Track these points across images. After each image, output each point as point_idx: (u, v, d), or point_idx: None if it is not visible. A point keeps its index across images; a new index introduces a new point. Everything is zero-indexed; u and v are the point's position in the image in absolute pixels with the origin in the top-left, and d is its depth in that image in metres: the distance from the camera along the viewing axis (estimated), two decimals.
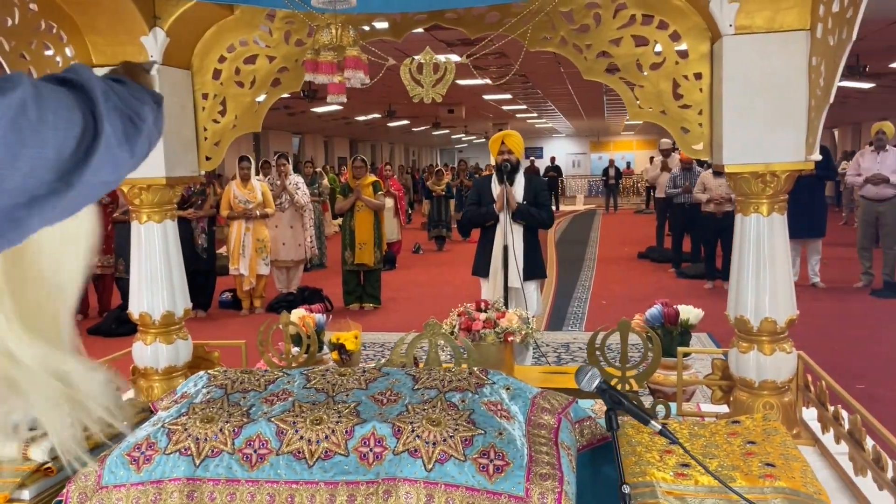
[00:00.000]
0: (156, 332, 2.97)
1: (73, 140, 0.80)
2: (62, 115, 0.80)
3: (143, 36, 2.74)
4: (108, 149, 0.85)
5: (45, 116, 0.77)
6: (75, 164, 0.81)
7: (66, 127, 0.80)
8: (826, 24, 2.21)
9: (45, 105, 0.78)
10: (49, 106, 0.78)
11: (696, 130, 2.67)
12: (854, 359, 6.10)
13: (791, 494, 1.69)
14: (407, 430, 1.72)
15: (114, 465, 1.78)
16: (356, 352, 3.22)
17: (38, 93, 0.78)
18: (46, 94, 0.79)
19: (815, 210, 8.85)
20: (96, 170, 0.84)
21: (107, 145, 0.85)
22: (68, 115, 0.80)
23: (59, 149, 0.79)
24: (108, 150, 0.85)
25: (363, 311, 8.81)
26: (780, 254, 2.53)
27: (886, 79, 14.32)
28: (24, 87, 0.76)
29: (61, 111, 0.80)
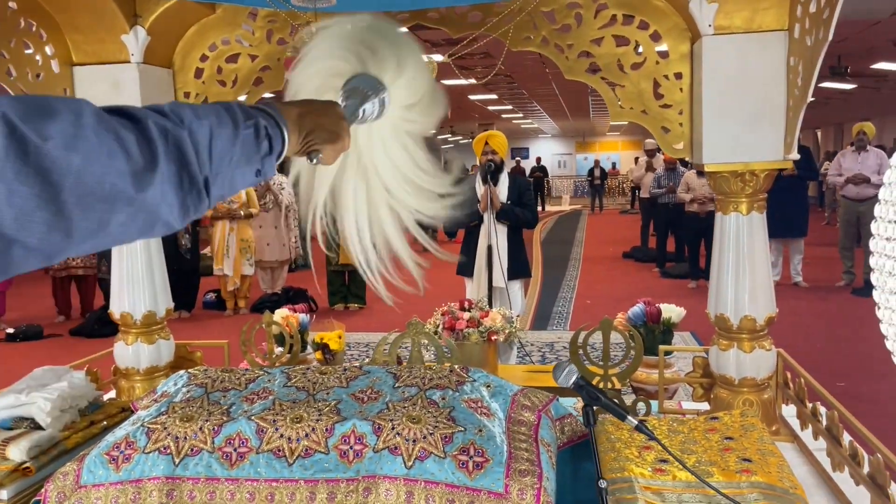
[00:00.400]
0: (137, 332, 2.96)
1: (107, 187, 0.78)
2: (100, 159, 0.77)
3: (123, 34, 2.73)
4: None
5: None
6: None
7: (101, 172, 0.77)
8: (803, 25, 2.24)
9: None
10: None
11: (676, 130, 2.69)
12: (835, 357, 6.16)
13: (767, 489, 1.71)
14: (387, 427, 1.73)
15: (92, 464, 1.77)
16: (340, 352, 3.22)
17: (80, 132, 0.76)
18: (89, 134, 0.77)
19: (798, 210, 8.93)
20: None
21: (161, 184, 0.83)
22: (107, 161, 0.77)
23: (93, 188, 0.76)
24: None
25: (348, 311, 8.80)
26: (760, 252, 2.56)
27: (868, 80, 14.46)
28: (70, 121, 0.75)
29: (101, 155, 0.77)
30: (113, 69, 2.78)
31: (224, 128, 0.94)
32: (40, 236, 0.71)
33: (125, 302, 2.93)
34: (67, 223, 0.73)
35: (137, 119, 0.83)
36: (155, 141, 0.82)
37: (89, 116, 0.77)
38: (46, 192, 0.70)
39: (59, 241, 0.73)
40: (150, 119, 0.84)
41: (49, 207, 0.71)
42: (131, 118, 0.83)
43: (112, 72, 2.78)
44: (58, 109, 0.74)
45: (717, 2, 2.41)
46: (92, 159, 0.74)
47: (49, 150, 0.71)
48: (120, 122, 0.80)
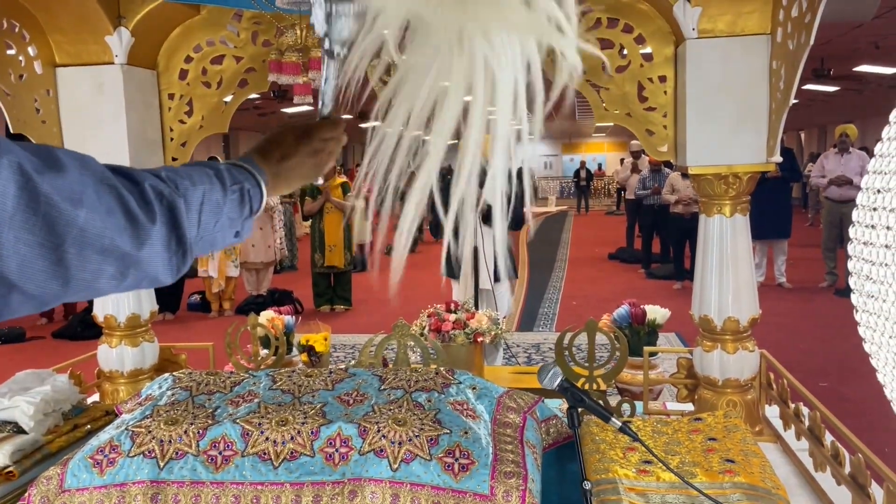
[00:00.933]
0: (121, 335, 2.94)
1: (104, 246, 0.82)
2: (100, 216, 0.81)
3: (107, 35, 2.71)
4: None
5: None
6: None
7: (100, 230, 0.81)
8: (785, 29, 2.26)
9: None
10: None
11: (660, 132, 2.70)
12: (819, 357, 6.22)
13: (749, 489, 1.72)
14: (373, 430, 1.73)
15: (76, 468, 1.76)
16: (326, 353, 3.21)
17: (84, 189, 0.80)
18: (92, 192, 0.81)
19: (782, 211, 9.00)
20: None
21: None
22: (106, 218, 0.82)
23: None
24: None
25: (334, 312, 8.79)
26: (743, 254, 2.57)
27: (850, 82, 14.60)
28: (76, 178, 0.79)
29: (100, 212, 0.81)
30: (96, 70, 2.76)
31: (214, 193, 1.00)
32: (39, 284, 0.75)
33: (109, 304, 2.91)
34: (66, 273, 0.77)
35: (137, 181, 0.88)
36: (152, 203, 0.87)
37: (94, 174, 0.81)
38: (50, 241, 0.74)
39: (55, 289, 0.77)
40: (147, 182, 0.89)
41: (51, 257, 0.75)
42: (131, 179, 0.88)
43: (95, 73, 2.76)
44: (66, 164, 0.78)
45: (700, 5, 2.42)
46: (94, 215, 0.78)
47: (57, 203, 0.74)
48: (121, 182, 0.85)
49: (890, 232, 0.79)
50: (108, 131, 2.73)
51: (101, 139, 2.73)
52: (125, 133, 2.74)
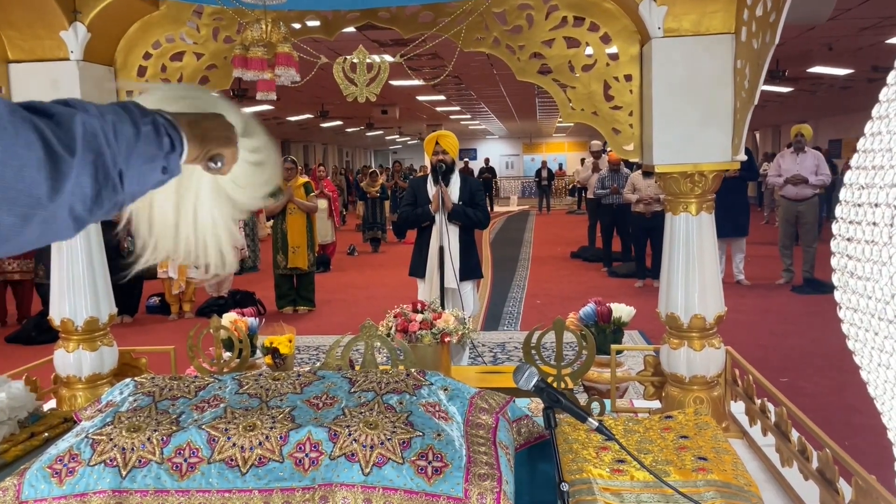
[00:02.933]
0: (79, 339, 2.86)
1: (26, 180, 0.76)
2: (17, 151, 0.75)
3: (62, 31, 2.63)
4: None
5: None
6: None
7: (18, 164, 0.75)
8: (750, 28, 2.28)
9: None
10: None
11: (626, 131, 2.71)
12: (777, 353, 6.32)
13: (723, 487, 1.73)
14: (344, 434, 1.69)
15: (34, 478, 1.70)
16: (290, 356, 3.16)
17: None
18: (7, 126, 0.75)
19: (739, 210, 9.13)
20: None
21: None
22: (24, 152, 0.76)
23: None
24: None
25: (297, 314, 8.69)
26: (709, 252, 2.59)
27: (804, 83, 14.90)
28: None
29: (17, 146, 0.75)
30: (51, 67, 2.68)
31: (124, 123, 0.93)
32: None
33: (66, 307, 2.83)
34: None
35: (51, 112, 0.82)
36: (73, 132, 0.81)
37: (6, 109, 0.75)
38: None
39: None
40: (61, 112, 0.83)
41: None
42: (44, 112, 0.81)
43: (50, 69, 2.68)
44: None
45: (666, 4, 2.44)
46: (11, 152, 0.73)
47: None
48: (34, 114, 0.79)
49: (875, 228, 0.78)
50: None
51: None
52: None
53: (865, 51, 11.48)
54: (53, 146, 0.78)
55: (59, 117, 0.81)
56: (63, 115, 0.82)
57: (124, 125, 0.92)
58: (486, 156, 31.49)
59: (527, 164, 37.57)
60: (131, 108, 0.97)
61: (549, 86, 2.75)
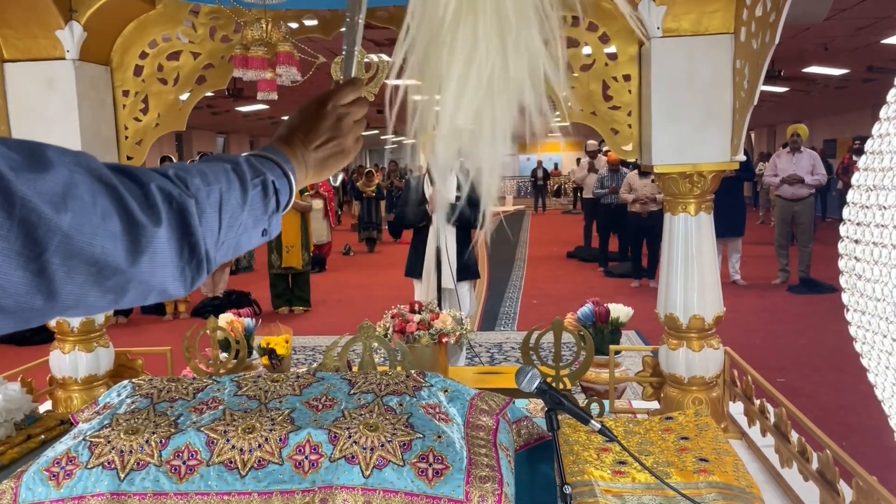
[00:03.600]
0: (74, 340, 2.84)
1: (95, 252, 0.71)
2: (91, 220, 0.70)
3: (58, 30, 2.61)
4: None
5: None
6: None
7: (90, 234, 0.70)
8: (749, 28, 2.28)
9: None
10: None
11: (625, 131, 2.71)
12: (774, 353, 6.33)
13: (724, 489, 1.72)
14: (343, 436, 1.68)
15: (31, 481, 1.68)
16: (287, 356, 3.15)
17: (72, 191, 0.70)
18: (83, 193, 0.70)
19: (735, 210, 9.15)
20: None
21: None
22: (99, 222, 0.71)
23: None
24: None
25: (293, 314, 8.67)
26: (708, 252, 2.59)
27: (800, 83, 14.94)
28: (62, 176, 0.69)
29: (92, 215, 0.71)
30: (47, 66, 2.66)
31: (233, 192, 0.88)
32: (18, 298, 0.65)
33: None
34: (50, 286, 0.67)
35: (141, 182, 0.77)
36: (157, 206, 0.76)
37: (89, 172, 0.71)
38: (29, 250, 0.64)
39: (39, 304, 0.67)
40: (154, 182, 0.78)
41: (30, 267, 0.65)
42: (134, 179, 0.77)
43: (46, 69, 2.66)
44: (53, 162, 0.68)
45: (665, 4, 2.43)
46: (84, 219, 0.68)
47: (36, 206, 0.65)
48: (121, 181, 0.75)
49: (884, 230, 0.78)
50: (60, 129, 2.63)
51: (52, 137, 2.62)
52: (77, 131, 2.64)
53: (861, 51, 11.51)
54: (133, 220, 0.73)
55: (147, 188, 0.77)
56: (152, 188, 0.77)
57: (232, 192, 0.87)
58: None
59: (522, 164, 37.55)
60: (243, 169, 0.91)
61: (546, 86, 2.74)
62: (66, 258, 0.67)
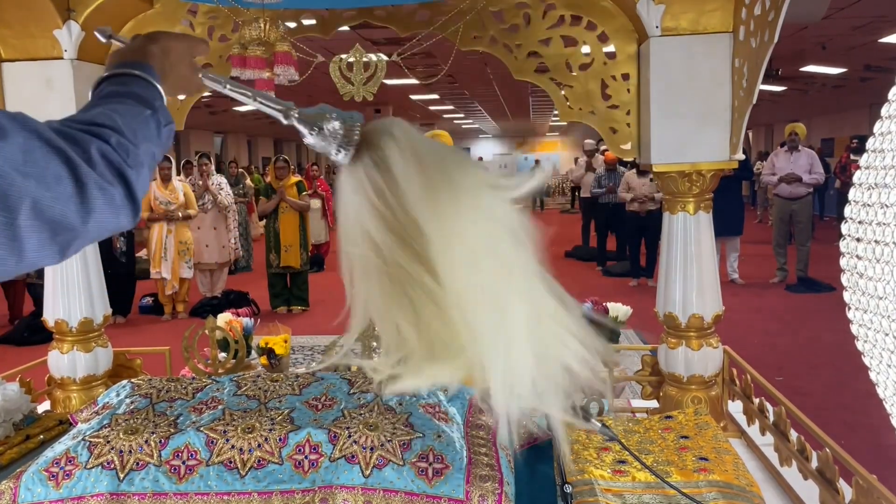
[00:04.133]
0: (73, 340, 2.83)
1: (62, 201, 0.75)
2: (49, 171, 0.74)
3: (56, 29, 2.61)
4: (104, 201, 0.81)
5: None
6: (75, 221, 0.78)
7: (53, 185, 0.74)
8: (748, 27, 2.28)
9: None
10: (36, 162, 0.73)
11: (624, 130, 2.71)
12: (772, 352, 6.34)
13: (724, 487, 1.72)
14: (343, 435, 1.68)
15: (30, 481, 1.68)
16: (285, 356, 3.15)
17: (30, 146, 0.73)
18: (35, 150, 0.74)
19: (733, 209, 9.16)
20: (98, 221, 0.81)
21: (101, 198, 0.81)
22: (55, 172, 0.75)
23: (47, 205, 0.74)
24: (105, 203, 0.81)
25: (291, 314, 8.67)
26: (707, 251, 2.59)
27: (797, 82, 14.95)
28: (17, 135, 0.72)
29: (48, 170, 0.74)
30: (45, 66, 2.66)
31: (151, 140, 0.95)
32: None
33: (60, 308, 2.80)
34: (20, 247, 0.71)
35: (84, 147, 0.81)
36: (101, 165, 0.81)
37: (37, 138, 0.74)
38: (4, 216, 0.68)
39: (11, 266, 0.72)
40: (94, 145, 0.82)
41: (6, 232, 0.69)
42: (78, 143, 0.80)
43: (44, 69, 2.66)
44: (7, 129, 0.71)
45: (664, 3, 2.43)
46: (42, 183, 0.72)
47: (7, 173, 0.68)
48: (69, 146, 0.78)
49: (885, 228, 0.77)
50: None
51: None
52: None
53: (858, 50, 11.52)
54: (80, 181, 0.77)
55: (90, 151, 0.81)
56: (93, 152, 0.81)
57: (151, 143, 0.95)
58: (479, 154, 31.53)
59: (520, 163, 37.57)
60: (143, 98, 1.01)
61: (546, 84, 2.75)
62: (33, 220, 0.71)
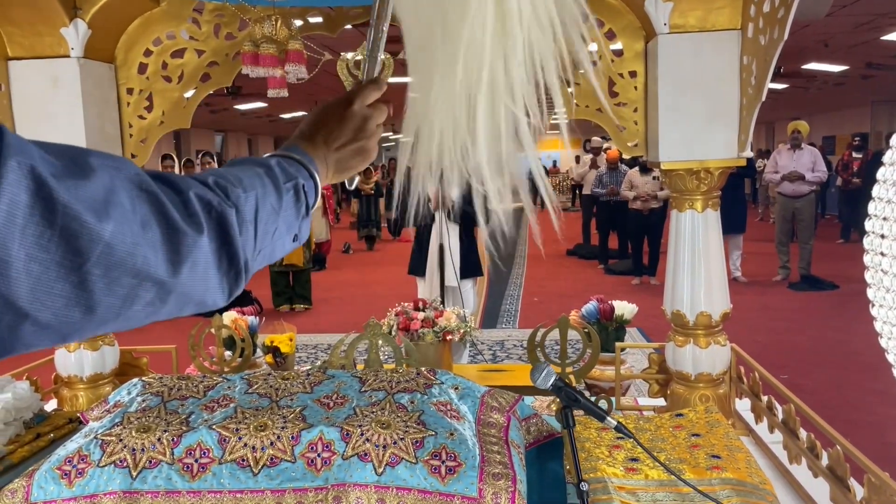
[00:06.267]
0: None
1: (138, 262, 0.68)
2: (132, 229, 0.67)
3: (63, 27, 2.60)
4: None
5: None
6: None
7: (132, 244, 0.67)
8: (757, 24, 2.27)
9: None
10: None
11: (631, 128, 2.70)
12: (776, 350, 6.33)
13: (738, 485, 1.72)
14: (356, 433, 1.68)
15: (43, 480, 1.68)
16: (291, 354, 3.14)
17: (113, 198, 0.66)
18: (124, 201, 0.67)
19: (736, 207, 9.14)
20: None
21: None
22: (140, 231, 0.68)
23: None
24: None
25: (294, 312, 8.67)
26: (714, 249, 2.59)
27: (799, 79, 14.93)
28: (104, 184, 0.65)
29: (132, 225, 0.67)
30: (51, 64, 2.65)
31: (268, 198, 0.85)
32: (56, 311, 0.62)
33: None
34: (89, 298, 0.64)
35: (180, 189, 0.74)
36: (197, 215, 0.73)
37: (129, 179, 0.68)
38: (70, 260, 0.61)
39: (77, 317, 0.64)
40: (192, 190, 0.75)
41: (70, 278, 0.61)
42: (174, 187, 0.74)
43: (50, 67, 2.65)
44: (94, 167, 0.65)
45: (671, 1, 2.42)
46: (125, 228, 0.65)
47: (79, 214, 0.61)
48: (162, 189, 0.72)
49: None
50: (64, 127, 2.63)
51: (57, 135, 2.62)
52: (82, 129, 2.63)
53: (860, 48, 11.51)
54: (172, 229, 0.70)
55: (187, 196, 0.74)
56: (191, 196, 0.74)
57: (268, 198, 0.84)
58: None
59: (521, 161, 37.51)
60: (276, 174, 0.88)
61: None
62: (108, 269, 0.64)
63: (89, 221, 0.62)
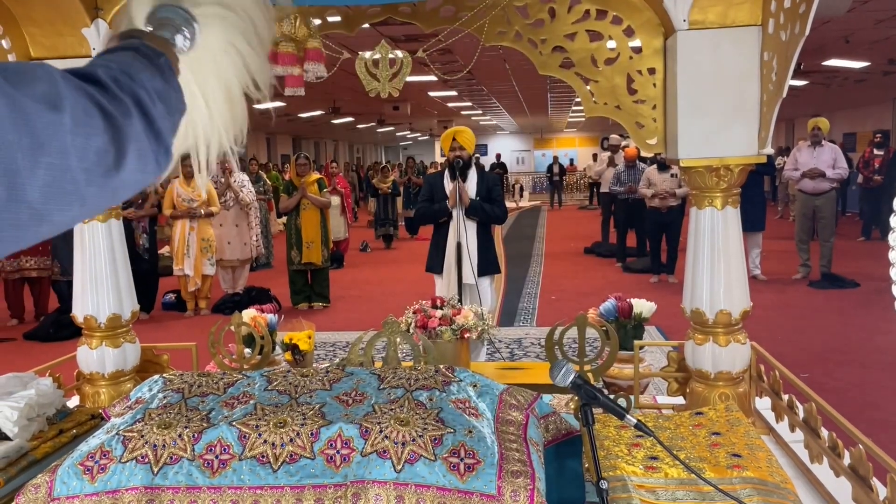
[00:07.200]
0: (102, 336, 2.86)
1: (93, 150, 0.72)
2: (82, 119, 0.72)
3: (84, 28, 2.63)
4: (138, 151, 0.79)
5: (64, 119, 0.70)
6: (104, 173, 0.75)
7: (85, 133, 0.72)
8: (777, 20, 2.25)
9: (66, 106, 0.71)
10: (69, 107, 0.71)
11: (650, 125, 2.69)
12: (796, 349, 6.27)
13: (759, 484, 1.71)
14: (375, 430, 1.68)
15: (66, 475, 1.70)
16: (309, 352, 3.16)
17: (60, 91, 0.71)
18: (68, 94, 0.71)
19: (755, 204, 9.06)
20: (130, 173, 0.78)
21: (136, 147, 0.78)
22: (87, 121, 0.73)
23: (81, 157, 0.71)
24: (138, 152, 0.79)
25: (312, 310, 8.70)
26: (734, 246, 2.57)
27: (819, 76, 14.78)
28: (49, 83, 0.70)
29: (81, 115, 0.72)
30: (73, 64, 2.67)
31: (155, 77, 0.89)
32: (64, 210, 0.69)
33: (88, 304, 2.83)
34: (80, 191, 0.70)
35: (97, 78, 0.78)
36: (119, 97, 0.78)
37: (62, 80, 0.72)
38: (62, 162, 0.67)
39: (76, 213, 0.70)
40: (111, 81, 0.79)
41: (67, 177, 0.68)
42: (96, 82, 0.78)
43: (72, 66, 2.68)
44: (37, 74, 0.70)
45: None
46: (79, 124, 0.70)
47: (45, 118, 0.67)
48: (85, 83, 0.76)
49: None
50: None
51: None
52: None
53: (881, 44, 11.37)
54: (110, 118, 0.75)
55: (105, 84, 0.78)
56: (112, 87, 0.79)
57: (155, 80, 0.88)
58: (497, 151, 31.47)
59: (538, 160, 37.47)
60: (144, 51, 0.93)
61: (571, 80, 2.73)
62: (81, 161, 0.70)
63: (53, 121, 0.67)
